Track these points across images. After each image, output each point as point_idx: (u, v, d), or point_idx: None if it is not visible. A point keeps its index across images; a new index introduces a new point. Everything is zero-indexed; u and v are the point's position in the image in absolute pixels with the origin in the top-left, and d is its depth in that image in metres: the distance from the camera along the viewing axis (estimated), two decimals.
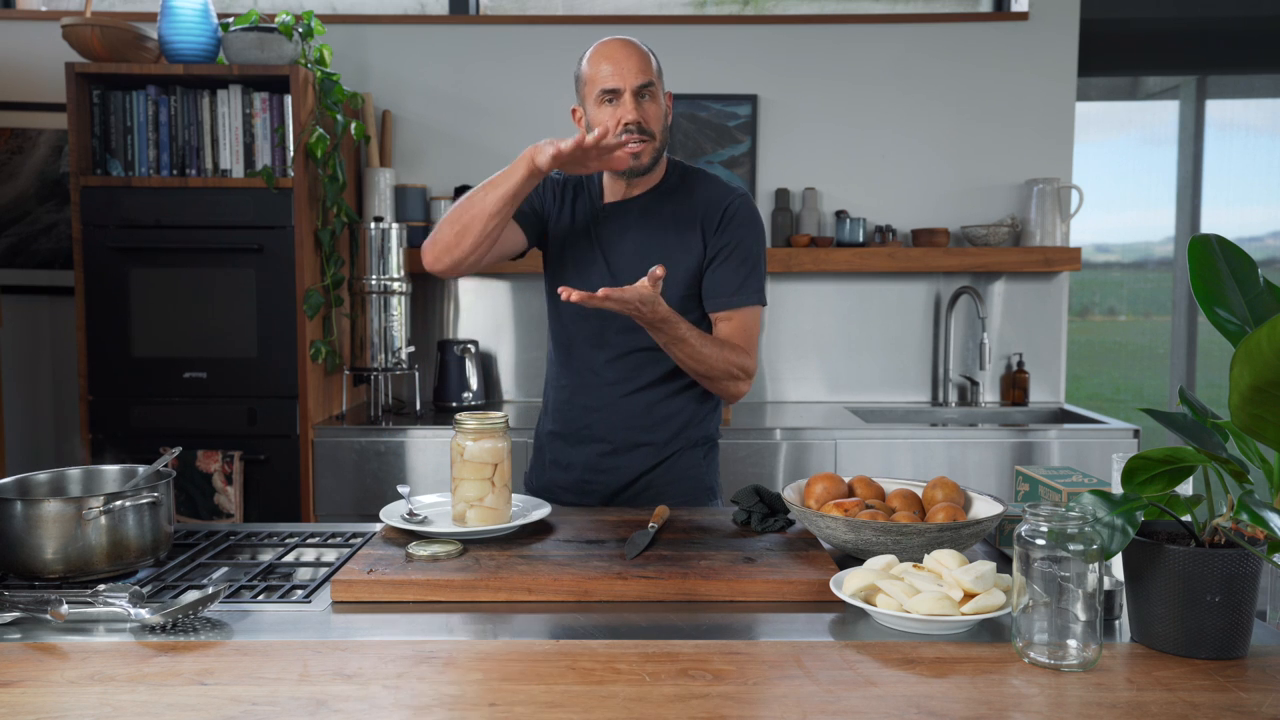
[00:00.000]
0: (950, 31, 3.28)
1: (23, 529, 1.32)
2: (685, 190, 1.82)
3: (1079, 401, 3.50)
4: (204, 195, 2.78)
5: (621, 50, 1.72)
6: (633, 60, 1.70)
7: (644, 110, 1.72)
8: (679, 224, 1.79)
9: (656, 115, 1.74)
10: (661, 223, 1.80)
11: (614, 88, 1.71)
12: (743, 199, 1.81)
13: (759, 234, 1.81)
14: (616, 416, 1.84)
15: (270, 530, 1.66)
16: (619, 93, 1.71)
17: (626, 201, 1.82)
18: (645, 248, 1.79)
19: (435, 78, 3.29)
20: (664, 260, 1.74)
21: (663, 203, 1.81)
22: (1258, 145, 3.58)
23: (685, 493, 1.87)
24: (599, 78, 1.72)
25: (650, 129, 1.73)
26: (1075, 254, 3.19)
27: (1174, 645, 1.11)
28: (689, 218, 1.79)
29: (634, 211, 1.81)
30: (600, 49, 1.74)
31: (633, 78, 1.70)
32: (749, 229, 1.79)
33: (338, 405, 3.06)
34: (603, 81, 1.71)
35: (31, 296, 3.30)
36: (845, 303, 3.35)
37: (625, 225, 1.81)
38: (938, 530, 1.34)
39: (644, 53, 1.74)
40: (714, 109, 3.28)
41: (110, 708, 0.99)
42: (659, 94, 1.75)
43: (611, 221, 1.82)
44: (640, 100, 1.71)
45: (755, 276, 1.78)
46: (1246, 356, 0.96)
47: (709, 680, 1.05)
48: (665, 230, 1.79)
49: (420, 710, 0.98)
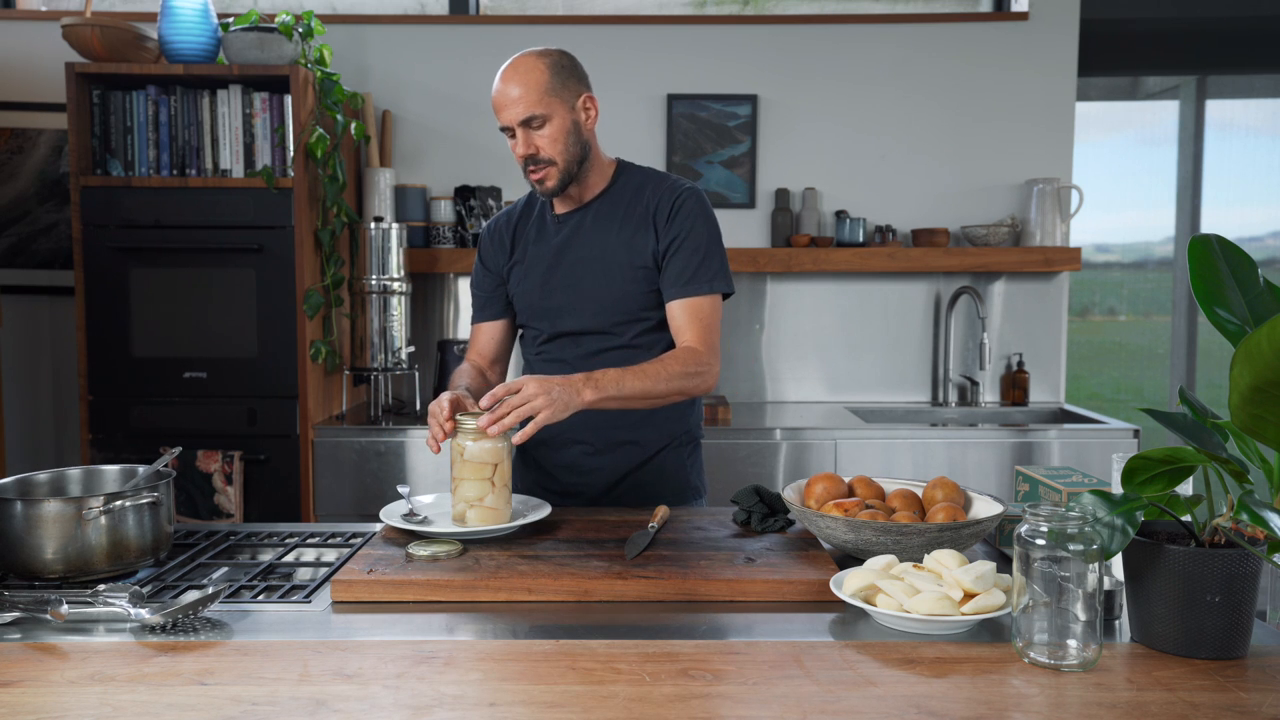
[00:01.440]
0: (950, 31, 3.28)
1: (23, 529, 1.32)
2: (635, 190, 1.84)
3: (1079, 401, 3.50)
4: (204, 195, 2.78)
5: (505, 85, 1.73)
6: (513, 94, 1.72)
7: (534, 140, 1.74)
8: (631, 222, 1.81)
9: (553, 138, 1.74)
10: (614, 223, 1.83)
11: (505, 126, 1.75)
12: (691, 191, 1.83)
13: (710, 224, 1.82)
14: (597, 416, 1.83)
15: (270, 530, 1.66)
16: (512, 129, 1.75)
17: (578, 210, 1.86)
18: (599, 248, 1.81)
19: (435, 78, 3.29)
20: (618, 262, 1.79)
21: (614, 205, 1.84)
22: (1258, 145, 3.58)
23: (672, 492, 1.87)
24: (496, 113, 1.76)
25: (545, 156, 1.75)
26: (1075, 254, 3.19)
27: (1174, 645, 1.11)
28: (641, 215, 1.81)
29: (587, 216, 1.84)
30: (497, 80, 1.75)
31: (516, 114, 1.72)
32: (699, 219, 1.80)
33: (338, 405, 3.06)
34: (498, 119, 1.76)
35: (31, 296, 3.30)
36: (845, 303, 3.35)
37: (579, 230, 1.84)
38: (938, 530, 1.34)
39: (529, 80, 1.72)
40: (714, 109, 3.28)
41: (110, 708, 0.99)
42: (552, 115, 1.73)
43: (564, 229, 1.86)
44: (530, 130, 1.74)
45: (708, 265, 1.78)
46: (1246, 356, 0.96)
47: (709, 680, 1.05)
48: (618, 229, 1.82)
49: (420, 710, 0.98)
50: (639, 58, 3.28)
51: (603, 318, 1.81)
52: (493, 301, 1.94)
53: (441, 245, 3.22)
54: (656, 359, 1.71)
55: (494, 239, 1.93)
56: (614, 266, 1.80)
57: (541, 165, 1.75)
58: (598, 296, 1.80)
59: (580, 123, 1.77)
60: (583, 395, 1.56)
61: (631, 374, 1.63)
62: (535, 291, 1.85)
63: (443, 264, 3.19)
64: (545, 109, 1.72)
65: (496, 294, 1.93)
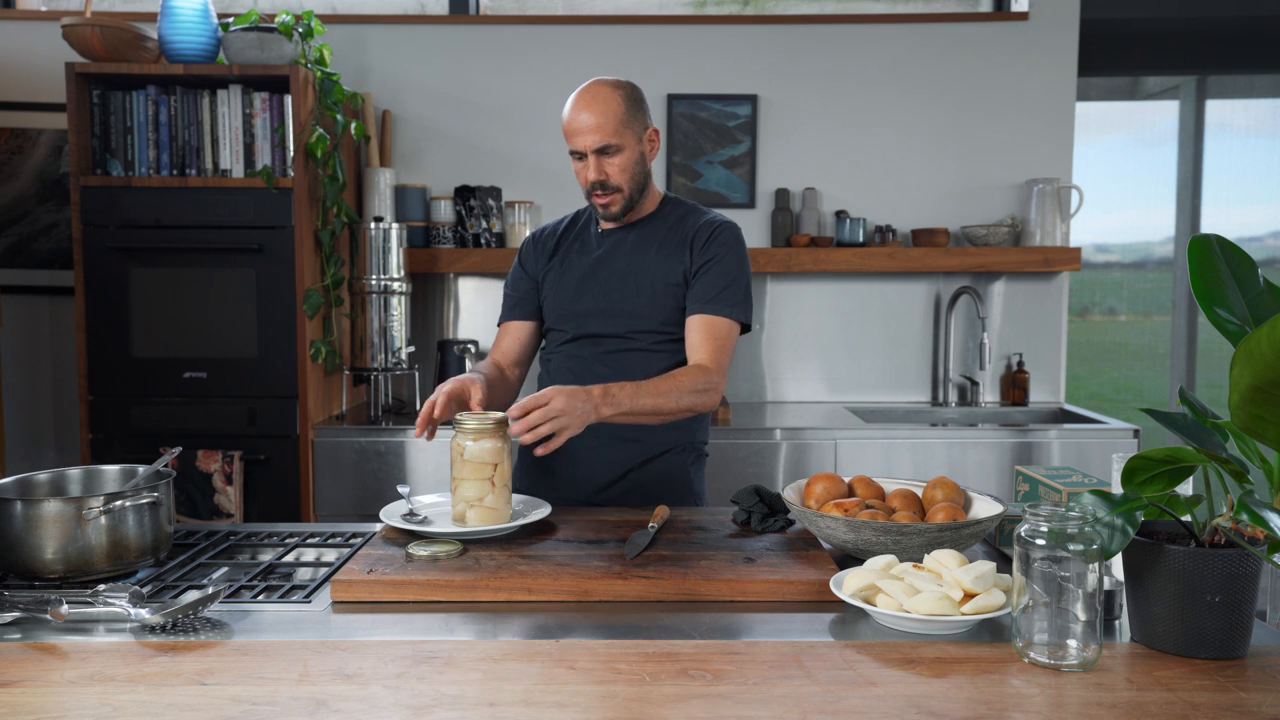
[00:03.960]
0: (950, 31, 3.28)
1: (23, 529, 1.32)
2: (677, 218, 1.91)
3: (1079, 401, 3.50)
4: (204, 195, 2.78)
5: (582, 112, 1.78)
6: (591, 122, 1.78)
7: (605, 167, 1.81)
8: (669, 245, 1.88)
9: (623, 167, 1.81)
10: (653, 244, 1.89)
11: (576, 150, 1.81)
12: (729, 225, 1.90)
13: (742, 257, 1.88)
14: None
15: (270, 530, 1.66)
16: (583, 154, 1.81)
17: (622, 229, 1.93)
18: (636, 264, 1.88)
19: (435, 78, 3.29)
20: (651, 277, 1.85)
21: (657, 229, 1.91)
22: (1257, 145, 3.58)
23: (674, 496, 1.89)
24: (568, 136, 1.82)
25: (614, 183, 1.82)
26: (1075, 254, 3.19)
27: (1174, 645, 1.11)
28: (678, 240, 1.88)
29: (630, 236, 1.91)
30: (571, 105, 1.81)
31: (592, 141, 1.79)
32: (732, 249, 1.87)
33: (338, 405, 3.06)
34: (570, 142, 1.82)
35: (31, 296, 3.30)
36: (845, 303, 3.35)
37: (619, 246, 1.91)
38: (938, 530, 1.34)
39: (607, 110, 1.78)
40: (714, 109, 3.28)
41: (110, 708, 0.99)
42: (625, 146, 1.81)
43: (606, 244, 1.92)
44: (603, 157, 1.80)
45: (733, 291, 1.84)
46: (1246, 356, 0.96)
47: (709, 680, 1.05)
48: (655, 251, 1.88)
49: (420, 710, 0.98)
50: (639, 58, 3.28)
51: (627, 326, 1.88)
52: (524, 303, 2.00)
53: (441, 245, 3.22)
54: (669, 375, 1.75)
55: (537, 245, 2.00)
56: (647, 282, 1.86)
57: (609, 191, 1.83)
58: (627, 307, 1.87)
59: (646, 154, 1.86)
60: (600, 411, 1.62)
61: (645, 390, 1.68)
62: (568, 295, 1.91)
63: (443, 264, 3.19)
64: (619, 139, 1.79)
65: (529, 296, 1.99)
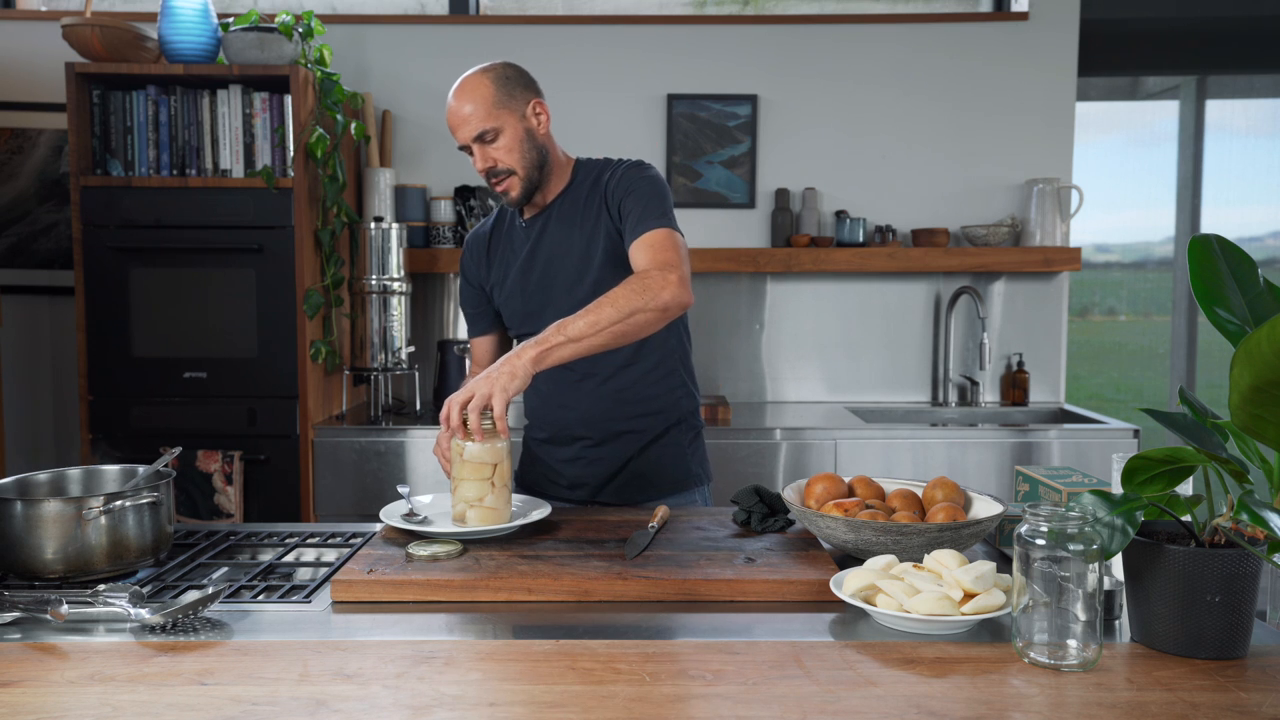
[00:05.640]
0: (950, 31, 3.28)
1: (23, 529, 1.32)
2: (592, 182, 1.87)
3: (1079, 401, 3.50)
4: (204, 195, 2.78)
5: (455, 105, 1.77)
6: (464, 112, 1.76)
7: (490, 153, 1.78)
8: (591, 211, 1.84)
9: (508, 148, 1.78)
10: (576, 217, 1.86)
11: (461, 144, 1.80)
12: (635, 161, 1.86)
13: (649, 176, 1.82)
14: (594, 411, 1.88)
15: (270, 530, 1.66)
16: (468, 146, 1.80)
17: (542, 213, 1.89)
18: (565, 244, 1.84)
19: (435, 78, 3.29)
20: (586, 253, 1.82)
21: (574, 201, 1.87)
22: (1257, 145, 3.58)
23: (673, 480, 1.90)
24: (452, 133, 1.80)
25: (503, 167, 1.79)
26: (1075, 254, 3.19)
27: (1174, 645, 1.11)
28: (597, 203, 1.84)
29: (551, 217, 1.88)
30: (448, 102, 1.79)
31: (469, 131, 1.77)
32: (636, 173, 1.82)
33: (338, 405, 3.06)
34: (455, 139, 1.80)
35: (31, 296, 3.30)
36: (845, 303, 3.35)
37: (544, 231, 1.88)
38: (938, 530, 1.34)
39: (476, 96, 1.76)
40: (714, 109, 3.28)
41: (110, 708, 0.99)
42: (504, 127, 1.77)
43: (532, 234, 1.89)
44: (485, 145, 1.78)
45: (654, 205, 1.77)
46: (1246, 356, 0.96)
47: (709, 680, 1.05)
48: (580, 222, 1.85)
49: (420, 710, 0.98)
50: (639, 58, 3.28)
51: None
52: (482, 316, 2.00)
53: (441, 245, 3.22)
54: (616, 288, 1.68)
55: (472, 254, 1.98)
56: (582, 259, 1.82)
57: (502, 176, 1.80)
58: (573, 292, 1.82)
59: (533, 129, 1.81)
60: (524, 355, 1.54)
61: (573, 316, 1.59)
62: (516, 299, 1.90)
63: (443, 264, 3.19)
64: (495, 122, 1.76)
65: (484, 309, 1.99)
